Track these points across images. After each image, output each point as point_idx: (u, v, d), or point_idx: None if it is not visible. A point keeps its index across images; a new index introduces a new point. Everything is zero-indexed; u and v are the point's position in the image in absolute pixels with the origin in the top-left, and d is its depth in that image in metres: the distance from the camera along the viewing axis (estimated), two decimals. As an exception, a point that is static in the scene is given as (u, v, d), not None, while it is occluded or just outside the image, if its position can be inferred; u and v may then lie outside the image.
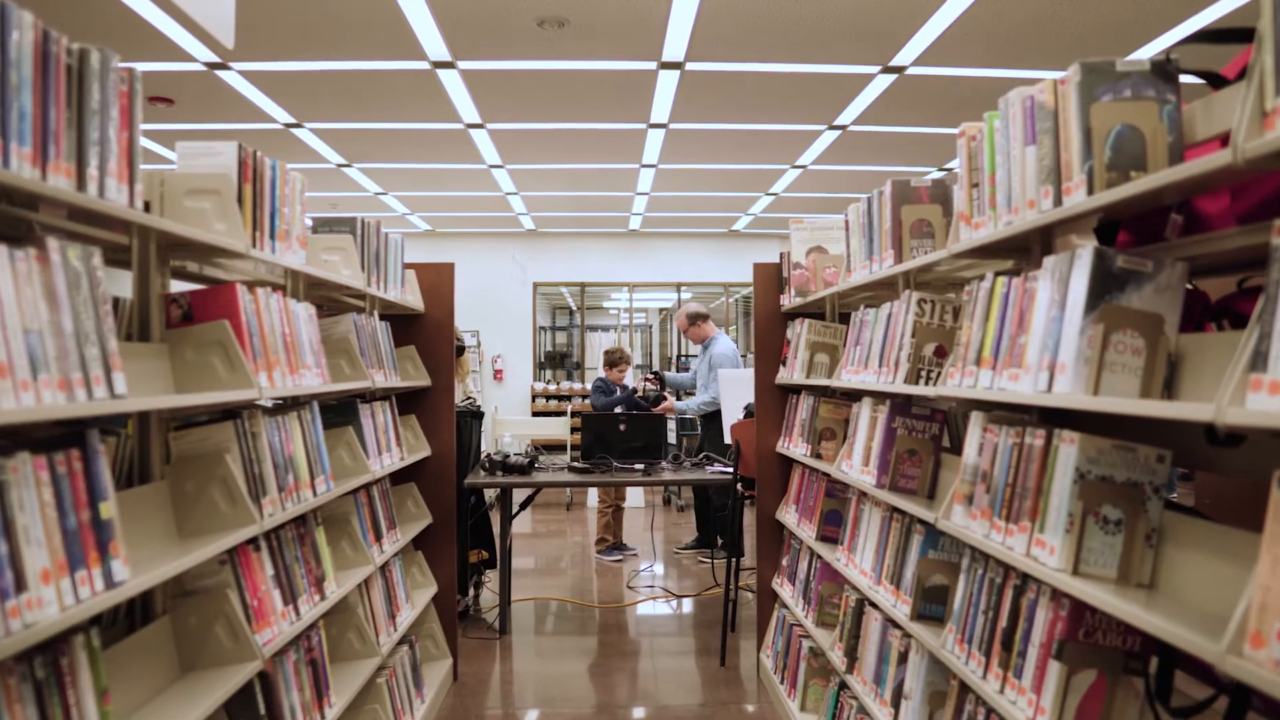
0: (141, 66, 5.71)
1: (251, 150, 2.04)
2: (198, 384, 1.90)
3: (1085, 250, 1.49)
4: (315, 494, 2.39)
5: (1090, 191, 1.48)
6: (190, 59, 5.42)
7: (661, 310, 16.75)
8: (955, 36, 5.09)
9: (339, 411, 2.90)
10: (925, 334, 2.31)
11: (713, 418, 6.19)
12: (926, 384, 2.30)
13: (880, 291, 3.08)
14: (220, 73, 5.65)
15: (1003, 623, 1.78)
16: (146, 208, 1.88)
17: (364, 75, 5.74)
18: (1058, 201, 1.58)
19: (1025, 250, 2.01)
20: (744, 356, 14.19)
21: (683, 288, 12.51)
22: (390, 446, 3.29)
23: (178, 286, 2.06)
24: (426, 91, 6.03)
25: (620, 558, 6.25)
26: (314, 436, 2.44)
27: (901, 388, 2.31)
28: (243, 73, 5.67)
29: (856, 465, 2.72)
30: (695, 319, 6.34)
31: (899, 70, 5.73)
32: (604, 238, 12.24)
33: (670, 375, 6.90)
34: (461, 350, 5.95)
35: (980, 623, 1.86)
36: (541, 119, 6.80)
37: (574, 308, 15.16)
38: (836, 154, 7.94)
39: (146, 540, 1.80)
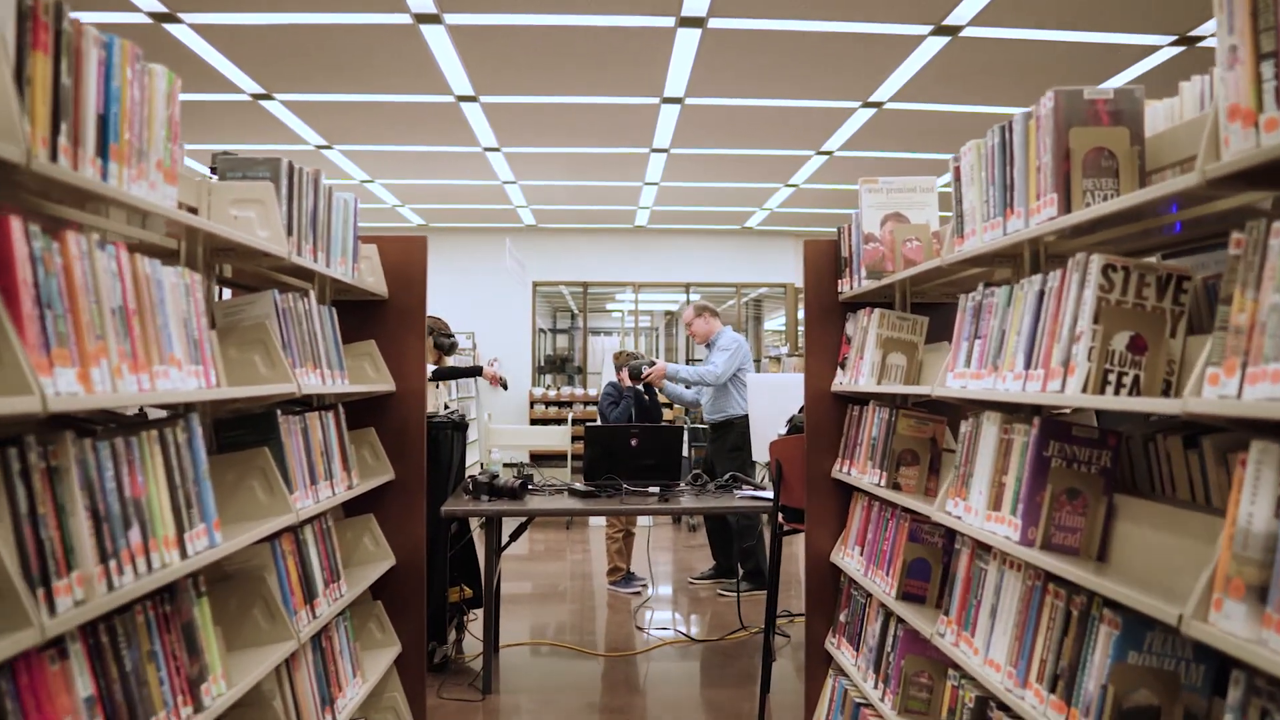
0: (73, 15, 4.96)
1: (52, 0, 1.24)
2: (-65, 386, 1.10)
3: None
4: (187, 553, 1.60)
5: None
6: (132, 8, 4.64)
7: (667, 313, 15.95)
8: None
9: (252, 427, 2.11)
10: (1115, 319, 1.51)
11: (725, 427, 5.37)
12: (1119, 392, 1.50)
13: (988, 268, 2.29)
14: (169, 26, 4.87)
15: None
16: None
17: (338, 32, 4.95)
18: None
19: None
20: (755, 362, 13.41)
21: (691, 289, 11.71)
22: (333, 472, 2.49)
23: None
24: (411, 53, 5.24)
25: (637, 589, 5.44)
26: (190, 466, 1.64)
27: (1080, 399, 1.51)
28: (195, 27, 4.89)
29: (978, 508, 1.92)
30: (703, 310, 5.57)
31: (953, 31, 4.93)
32: (608, 234, 11.44)
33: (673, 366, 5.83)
34: (452, 348, 5.16)
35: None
36: (541, 91, 6.00)
37: (575, 309, 14.38)
38: (868, 138, 7.15)
39: None
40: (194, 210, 2.03)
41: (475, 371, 5.21)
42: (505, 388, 5.79)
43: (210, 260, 2.06)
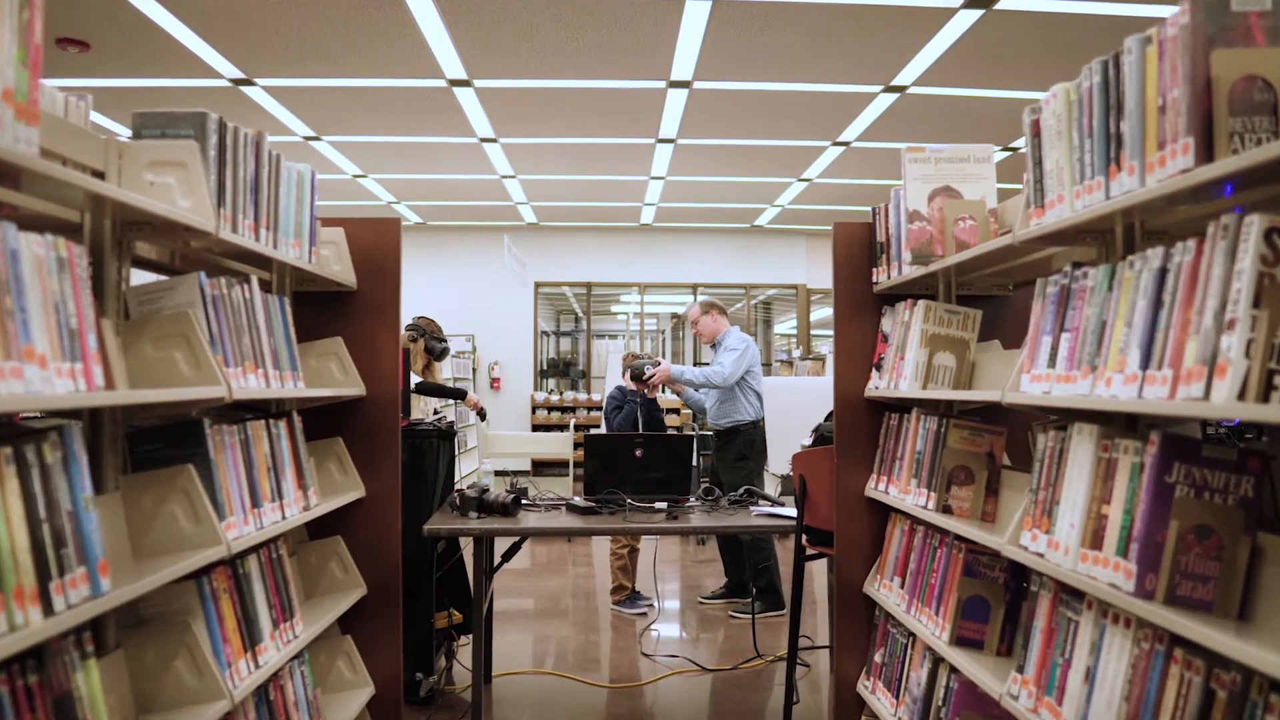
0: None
1: None
2: None
3: None
4: (54, 608, 1.22)
5: None
6: (96, -18, 4.29)
7: (674, 316, 15.57)
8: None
9: (172, 439, 1.73)
10: (1283, 300, 1.13)
11: (730, 434, 4.96)
12: (1292, 402, 1.11)
13: (1063, 249, 1.91)
14: (137, 2, 4.51)
15: None
16: None
17: (318, 7, 4.58)
18: None
19: None
20: (765, 366, 13.01)
21: (699, 290, 11.33)
22: (284, 491, 2.11)
23: None
24: (397, 31, 4.87)
25: (642, 610, 5.04)
26: (64, 495, 1.27)
27: (1236, 408, 1.12)
28: (164, 2, 4.52)
29: (1069, 545, 1.53)
30: (710, 308, 5.19)
31: (988, 3, 4.55)
32: (612, 233, 11.08)
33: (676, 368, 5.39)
34: (444, 353, 4.78)
35: None
36: (538, 74, 5.63)
37: (579, 311, 14.02)
38: (889, 127, 6.78)
39: None
40: (101, 175, 1.66)
41: (459, 395, 4.82)
42: (483, 418, 5.51)
43: (122, 236, 1.69)
